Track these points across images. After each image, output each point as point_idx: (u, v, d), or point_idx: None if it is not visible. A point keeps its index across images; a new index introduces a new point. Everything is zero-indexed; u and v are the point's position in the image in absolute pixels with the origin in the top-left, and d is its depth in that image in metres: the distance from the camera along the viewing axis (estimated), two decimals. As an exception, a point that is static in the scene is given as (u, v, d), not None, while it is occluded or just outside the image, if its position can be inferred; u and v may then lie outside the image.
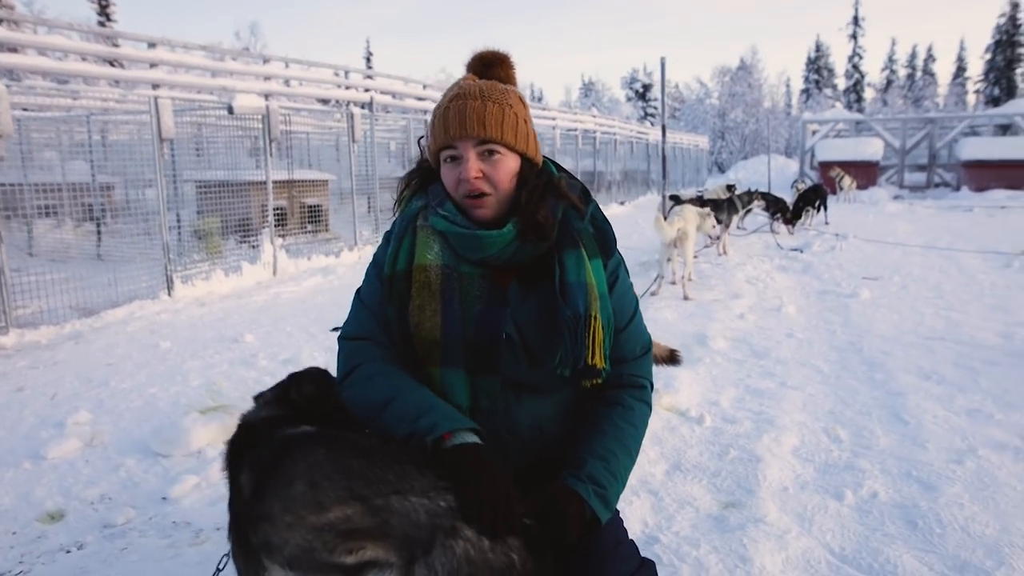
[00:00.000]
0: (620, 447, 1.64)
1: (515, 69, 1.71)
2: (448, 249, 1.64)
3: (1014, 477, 2.91)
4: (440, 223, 1.63)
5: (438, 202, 1.67)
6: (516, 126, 1.60)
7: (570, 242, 1.65)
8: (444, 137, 1.59)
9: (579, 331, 1.59)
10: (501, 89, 1.62)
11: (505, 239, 1.59)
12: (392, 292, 1.66)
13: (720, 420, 3.62)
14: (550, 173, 1.70)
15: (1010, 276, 7.67)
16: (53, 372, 4.76)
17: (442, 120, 1.60)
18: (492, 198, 1.60)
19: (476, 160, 1.58)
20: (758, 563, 2.32)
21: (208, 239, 8.62)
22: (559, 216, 1.65)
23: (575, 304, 1.59)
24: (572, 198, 1.68)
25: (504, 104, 1.59)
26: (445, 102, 1.61)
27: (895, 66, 59.96)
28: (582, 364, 1.60)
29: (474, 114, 1.56)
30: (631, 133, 26.21)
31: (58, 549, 2.54)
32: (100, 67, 8.29)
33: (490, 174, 1.59)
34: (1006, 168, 21.50)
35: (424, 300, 1.62)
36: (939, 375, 4.26)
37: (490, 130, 1.56)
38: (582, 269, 1.62)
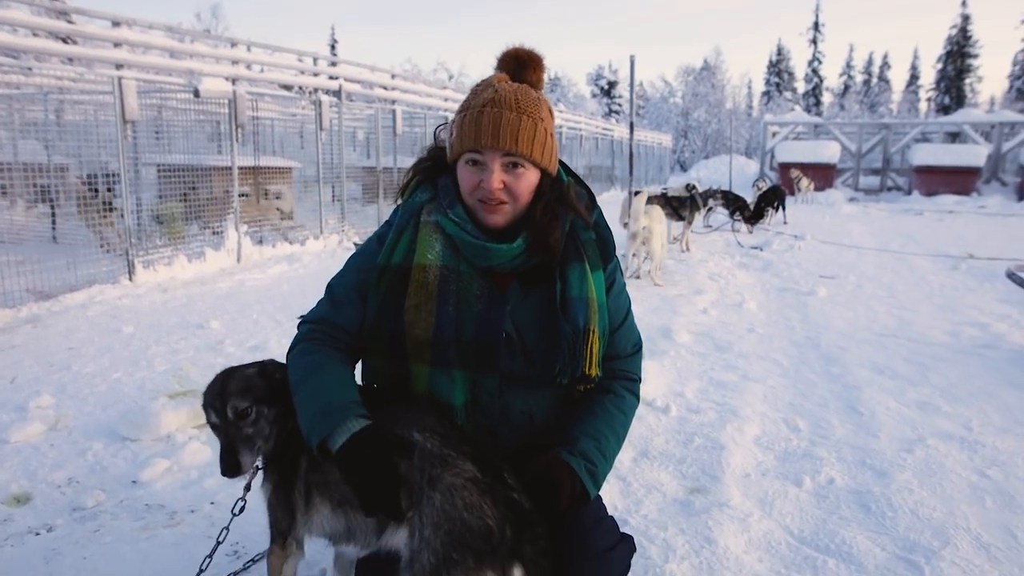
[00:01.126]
0: (610, 430, 1.71)
1: (545, 72, 1.72)
2: (450, 249, 1.66)
3: (959, 465, 3.07)
4: (450, 227, 1.65)
5: (448, 202, 1.67)
6: (545, 142, 1.61)
7: (575, 255, 1.68)
8: (473, 142, 1.58)
9: (578, 346, 1.65)
10: (535, 100, 1.62)
11: (513, 253, 1.63)
12: (382, 282, 1.67)
13: (685, 410, 3.73)
14: (560, 182, 1.72)
15: (957, 278, 8.00)
16: (11, 356, 4.65)
17: (474, 124, 1.58)
18: (509, 207, 1.62)
19: (500, 171, 1.58)
20: (722, 544, 2.43)
21: (170, 224, 8.46)
22: (567, 228, 1.68)
23: (575, 319, 1.65)
24: (580, 209, 1.71)
25: (537, 118, 1.59)
26: (479, 105, 1.59)
27: (852, 72, 61.60)
28: (579, 373, 1.67)
29: (508, 127, 1.56)
30: (596, 129, 26.40)
31: (26, 531, 2.51)
32: (60, 45, 8.03)
33: (512, 186, 1.60)
34: (954, 174, 22.29)
35: (420, 300, 1.64)
36: (891, 370, 4.45)
37: (522, 146, 1.57)
38: (584, 284, 1.67)
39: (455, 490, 1.37)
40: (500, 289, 1.68)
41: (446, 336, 1.62)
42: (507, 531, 1.36)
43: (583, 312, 1.65)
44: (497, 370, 1.66)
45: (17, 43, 7.31)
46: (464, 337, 1.64)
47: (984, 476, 2.97)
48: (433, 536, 1.34)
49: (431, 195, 1.72)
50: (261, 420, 1.65)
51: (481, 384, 1.67)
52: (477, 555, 1.31)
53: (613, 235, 1.80)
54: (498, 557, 1.33)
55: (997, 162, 23.92)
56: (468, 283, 1.65)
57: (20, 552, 2.37)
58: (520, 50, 1.69)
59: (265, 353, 4.71)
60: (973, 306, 6.43)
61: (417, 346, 1.63)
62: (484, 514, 1.36)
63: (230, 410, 1.62)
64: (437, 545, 1.33)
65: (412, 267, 1.65)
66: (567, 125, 21.86)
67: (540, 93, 1.67)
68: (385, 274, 1.67)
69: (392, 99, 12.88)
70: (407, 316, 1.64)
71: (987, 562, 2.33)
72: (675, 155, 49.61)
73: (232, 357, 4.64)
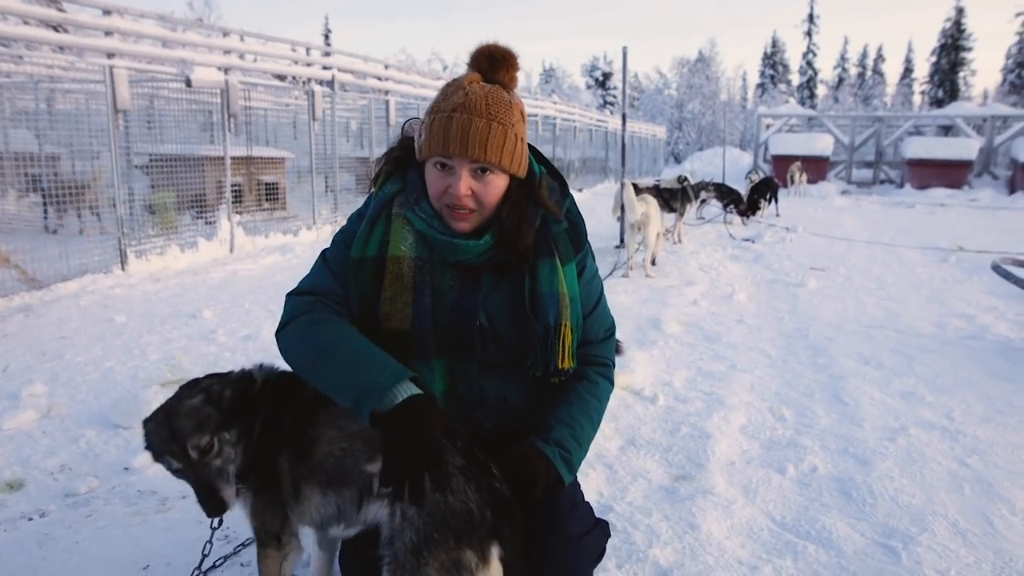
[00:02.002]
0: (584, 417, 1.74)
1: (520, 69, 1.67)
2: (422, 241, 1.66)
3: (940, 453, 3.13)
4: (418, 223, 1.65)
5: (415, 199, 1.67)
6: (515, 148, 1.59)
7: (545, 250, 1.69)
8: (442, 148, 1.55)
9: (549, 342, 1.67)
10: (506, 104, 1.59)
11: (480, 248, 1.64)
12: (358, 275, 1.67)
13: (672, 399, 3.78)
14: (531, 175, 1.70)
15: (946, 270, 8.07)
16: (3, 344, 4.66)
17: (443, 130, 1.55)
18: (476, 215, 1.61)
19: (468, 178, 1.57)
20: (705, 530, 2.47)
21: (162, 214, 8.45)
22: (537, 223, 1.68)
23: (545, 317, 1.66)
24: (550, 206, 1.70)
25: (508, 124, 1.57)
26: (448, 110, 1.56)
27: (847, 64, 61.72)
28: (552, 368, 1.70)
29: (478, 135, 1.53)
30: (591, 121, 26.39)
31: (20, 516, 2.54)
32: (51, 33, 7.99)
33: (480, 193, 1.59)
34: (946, 168, 22.38)
35: (396, 292, 1.64)
36: (877, 360, 4.51)
37: (491, 154, 1.55)
38: (555, 278, 1.68)
39: None
40: (473, 279, 1.69)
41: (424, 326, 1.63)
42: (488, 514, 1.41)
43: (553, 308, 1.67)
44: (475, 358, 1.68)
45: (7, 31, 7.27)
46: (440, 327, 1.65)
47: (964, 464, 3.02)
48: (416, 516, 1.39)
49: (400, 187, 1.71)
50: (226, 447, 1.57)
51: (459, 372, 1.69)
52: (457, 535, 1.37)
53: (585, 222, 1.80)
54: (477, 537, 1.38)
55: (989, 155, 24.03)
56: (441, 273, 1.67)
57: (14, 536, 2.40)
58: (494, 48, 1.64)
59: (258, 343, 4.74)
60: (961, 298, 6.49)
61: (394, 337, 1.63)
62: (467, 498, 1.41)
63: (192, 451, 1.53)
64: (419, 524, 1.38)
65: (387, 258, 1.66)
66: (561, 117, 21.86)
67: (512, 95, 1.64)
68: (361, 266, 1.67)
69: (386, 90, 12.86)
70: (383, 308, 1.64)
71: (963, 547, 2.38)
72: (669, 147, 49.62)
73: (225, 346, 4.67)
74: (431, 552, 1.36)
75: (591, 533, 1.75)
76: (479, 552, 1.37)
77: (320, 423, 1.61)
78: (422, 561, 1.36)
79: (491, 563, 1.37)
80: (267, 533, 1.67)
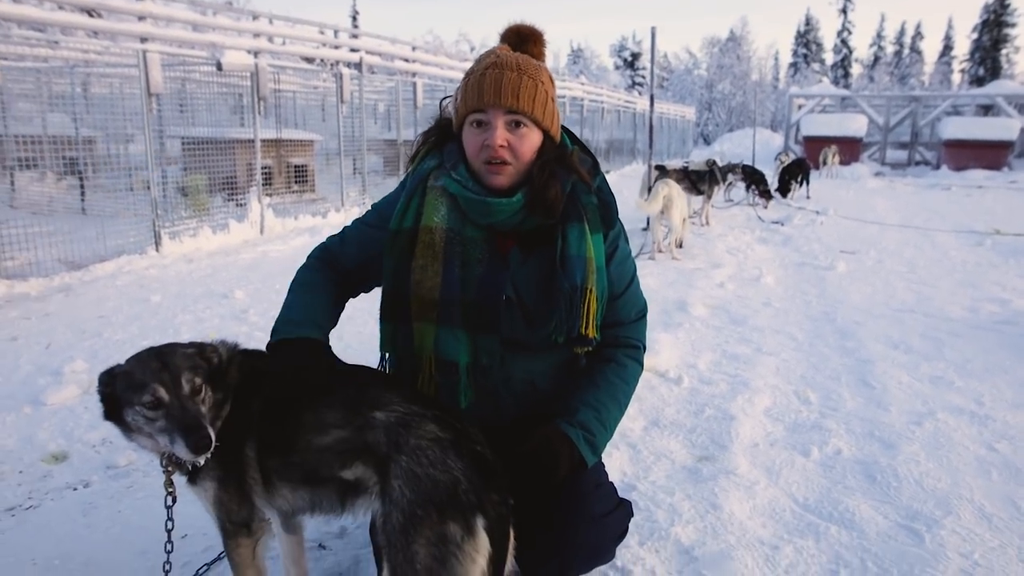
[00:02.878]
0: (611, 400, 1.77)
1: (547, 47, 1.78)
2: (455, 212, 1.72)
3: (967, 438, 3.11)
4: (452, 186, 1.71)
5: (452, 164, 1.73)
6: (546, 103, 1.67)
7: (575, 215, 1.73)
8: (477, 101, 1.64)
9: (575, 302, 1.70)
10: (535, 65, 1.68)
11: (514, 207, 1.68)
12: (395, 247, 1.75)
13: (697, 381, 3.79)
14: (564, 146, 1.77)
15: (981, 254, 7.91)
16: (45, 323, 4.82)
17: (477, 85, 1.64)
18: (512, 168, 1.67)
19: (503, 129, 1.64)
20: (727, 510, 2.50)
21: (195, 196, 8.61)
22: (568, 189, 1.72)
23: (573, 276, 1.69)
24: (581, 172, 1.75)
25: (538, 80, 1.65)
26: (481, 68, 1.66)
27: (883, 42, 60.06)
28: (576, 333, 1.71)
29: (510, 85, 1.62)
30: (618, 102, 26.13)
31: (65, 487, 2.65)
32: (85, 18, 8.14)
33: (515, 145, 1.65)
34: (985, 148, 21.79)
35: (427, 260, 1.70)
36: (907, 344, 4.46)
37: (523, 103, 1.62)
38: (583, 243, 1.71)
39: (420, 450, 1.44)
40: (502, 253, 1.73)
41: (452, 294, 1.69)
42: (472, 481, 1.42)
43: (581, 270, 1.70)
44: (497, 332, 1.72)
45: (44, 17, 7.42)
46: (468, 299, 1.70)
47: (992, 450, 3.00)
48: (400, 496, 1.41)
49: (438, 162, 1.78)
50: (207, 401, 1.55)
51: (481, 346, 1.73)
52: (440, 509, 1.38)
53: (616, 201, 1.84)
54: (460, 509, 1.39)
55: (1030, 136, 23.32)
56: (472, 247, 1.71)
57: (60, 505, 2.51)
58: (521, 25, 1.76)
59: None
60: (995, 282, 6.37)
61: (422, 305, 1.70)
62: (448, 467, 1.43)
63: (185, 383, 1.51)
64: (404, 504, 1.40)
65: (419, 229, 1.72)
66: (588, 98, 21.67)
67: (541, 63, 1.73)
68: (397, 238, 1.74)
69: (413, 71, 12.86)
70: (414, 276, 1.71)
71: (988, 531, 2.38)
72: (698, 128, 48.96)
73: (256, 326, 4.78)
74: (417, 529, 1.37)
75: (614, 512, 1.78)
76: (463, 524, 1.38)
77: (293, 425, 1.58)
78: (410, 539, 1.37)
79: (477, 534, 1.39)
80: (234, 523, 1.63)
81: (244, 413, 1.61)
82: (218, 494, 1.61)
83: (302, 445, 1.56)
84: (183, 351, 1.58)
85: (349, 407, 1.54)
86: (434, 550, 1.36)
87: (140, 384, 1.50)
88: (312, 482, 1.56)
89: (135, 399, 1.50)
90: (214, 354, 1.62)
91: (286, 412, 1.59)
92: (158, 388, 1.49)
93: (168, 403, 1.49)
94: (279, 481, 1.60)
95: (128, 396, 1.51)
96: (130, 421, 1.54)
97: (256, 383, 1.64)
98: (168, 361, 1.53)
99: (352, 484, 1.52)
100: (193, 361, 1.56)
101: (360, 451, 1.49)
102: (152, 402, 1.49)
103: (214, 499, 1.62)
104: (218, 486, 1.61)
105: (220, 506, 1.62)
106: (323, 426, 1.54)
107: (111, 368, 1.58)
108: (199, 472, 1.61)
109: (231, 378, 1.63)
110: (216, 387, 1.58)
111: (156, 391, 1.49)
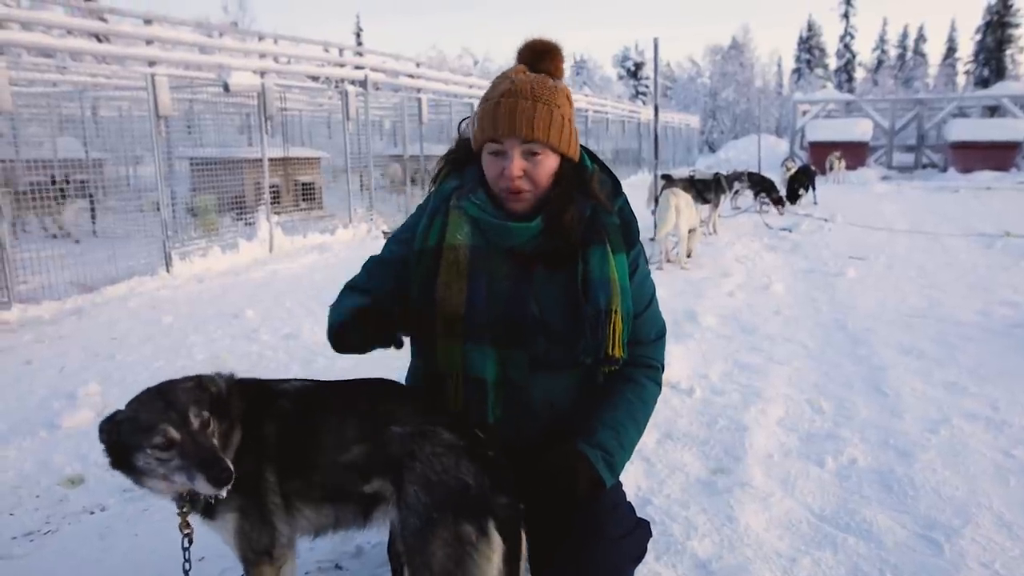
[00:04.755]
0: (630, 420, 1.76)
1: (564, 61, 1.77)
2: (478, 231, 1.73)
3: (984, 445, 3.08)
4: (472, 209, 1.72)
5: (471, 188, 1.75)
6: (562, 128, 1.67)
7: (596, 238, 1.73)
8: (492, 132, 1.65)
9: (600, 326, 1.70)
10: (551, 88, 1.68)
11: (532, 232, 1.69)
12: (419, 266, 1.76)
13: (709, 392, 3.78)
14: (584, 168, 1.77)
15: (992, 257, 7.86)
16: (59, 346, 4.86)
17: (492, 115, 1.65)
18: (531, 194, 1.69)
19: (520, 159, 1.65)
20: (743, 522, 2.49)
21: (204, 216, 8.68)
22: (588, 213, 1.73)
23: (596, 300, 1.70)
24: (600, 197, 1.75)
25: (553, 105, 1.65)
26: (496, 96, 1.67)
27: (886, 46, 60.10)
28: (603, 354, 1.72)
29: (524, 115, 1.62)
30: (623, 112, 26.21)
31: (82, 511, 2.67)
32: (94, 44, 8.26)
33: (532, 173, 1.67)
34: (992, 149, 21.71)
35: (451, 278, 1.71)
36: (919, 350, 4.44)
37: (538, 132, 1.63)
38: (606, 265, 1.72)
39: (434, 457, 1.49)
40: (527, 272, 1.74)
41: (479, 312, 1.69)
42: (483, 484, 1.48)
43: (605, 293, 1.70)
44: (525, 346, 1.72)
45: (54, 44, 7.53)
46: (494, 315, 1.70)
47: (1009, 456, 2.97)
48: (416, 501, 1.47)
49: (459, 183, 1.80)
50: (215, 433, 1.53)
51: (511, 361, 1.72)
52: (455, 512, 1.45)
53: (638, 221, 1.84)
54: (473, 511, 1.45)
55: (1038, 136, 23.20)
56: (496, 264, 1.72)
57: (77, 529, 2.53)
58: (536, 41, 1.75)
59: (299, 341, 4.86)
60: (1007, 285, 6.33)
61: (448, 323, 1.71)
62: (460, 473, 1.48)
63: (194, 419, 1.49)
64: (420, 508, 1.46)
65: (443, 248, 1.73)
66: (592, 109, 21.75)
67: (558, 82, 1.72)
68: (422, 258, 1.76)
69: (417, 87, 12.95)
70: (439, 293, 1.71)
71: (1008, 539, 2.36)
72: (703, 136, 48.97)
73: (267, 345, 4.80)
74: (433, 531, 1.43)
75: (632, 534, 1.78)
76: (476, 525, 1.44)
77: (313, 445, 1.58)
78: (427, 541, 1.44)
79: (490, 534, 1.45)
80: (256, 552, 1.60)
81: (258, 438, 1.61)
82: (239, 524, 1.59)
83: (324, 464, 1.58)
84: (183, 386, 1.55)
85: (368, 421, 1.59)
86: (450, 551, 1.43)
87: (148, 426, 1.46)
88: (335, 499, 1.59)
89: (144, 442, 1.46)
90: (212, 385, 1.60)
91: (304, 433, 1.61)
92: (168, 428, 1.46)
93: (180, 441, 1.46)
94: (301, 503, 1.61)
95: (136, 440, 1.47)
96: (141, 466, 1.50)
97: (266, 407, 1.64)
98: (172, 399, 1.51)
99: (372, 497, 1.56)
100: (196, 395, 1.54)
101: (380, 464, 1.54)
102: (164, 443, 1.46)
103: (235, 530, 1.60)
104: (239, 516, 1.59)
105: (242, 536, 1.60)
106: (343, 443, 1.58)
107: (111, 415, 1.53)
108: (218, 506, 1.58)
109: (235, 406, 1.62)
110: (221, 417, 1.56)
111: (167, 431, 1.46)
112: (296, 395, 1.67)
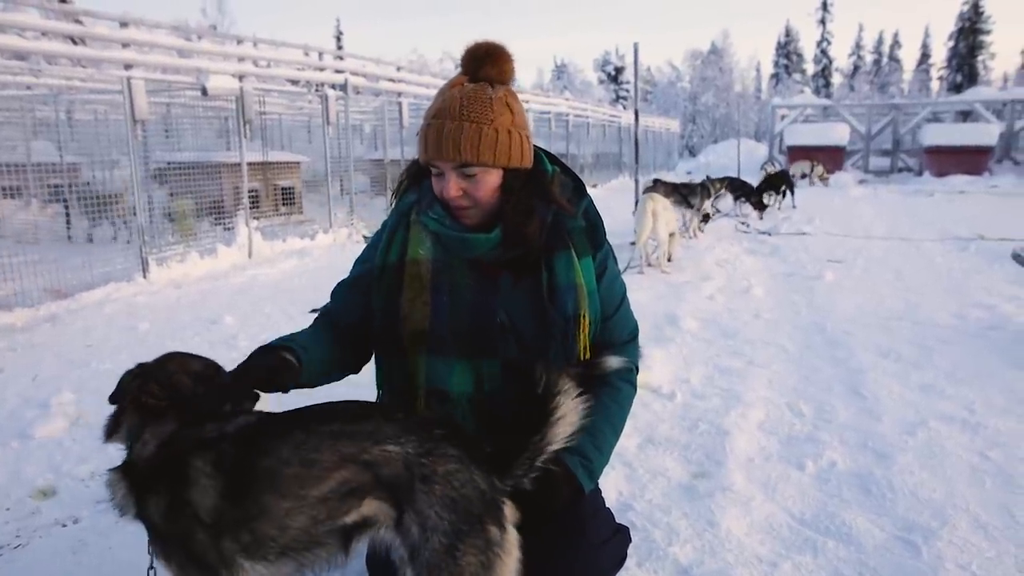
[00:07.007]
0: (607, 424, 1.76)
1: (511, 61, 1.68)
2: (439, 244, 1.72)
3: (960, 447, 3.12)
4: (431, 223, 1.71)
5: (428, 203, 1.73)
6: (496, 142, 1.61)
7: (560, 243, 1.71)
8: (425, 155, 1.65)
9: (569, 332, 1.69)
10: (483, 101, 1.61)
11: (492, 242, 1.68)
12: (382, 283, 1.73)
13: (690, 396, 3.79)
14: (542, 173, 1.74)
15: (967, 260, 7.98)
16: (32, 354, 4.77)
17: (424, 137, 1.65)
18: (474, 210, 1.67)
19: (456, 180, 1.63)
20: (725, 527, 2.49)
21: (181, 221, 8.57)
22: (550, 219, 1.71)
23: (564, 308, 1.68)
24: (561, 201, 1.72)
25: (482, 122, 1.59)
26: (428, 117, 1.64)
27: (862, 52, 61.02)
28: (574, 360, 1.70)
29: (449, 138, 1.59)
30: (603, 116, 26.32)
31: (53, 523, 2.61)
32: (70, 46, 8.14)
33: (471, 191, 1.64)
34: (966, 154, 22.06)
35: (415, 292, 1.69)
36: (896, 353, 4.49)
37: (465, 154, 1.59)
38: (571, 270, 1.70)
39: (450, 475, 1.44)
40: (491, 280, 1.72)
41: (443, 325, 1.67)
42: (492, 483, 1.48)
43: (572, 299, 1.69)
44: (497, 354, 1.70)
45: (27, 47, 7.40)
46: (460, 326, 1.68)
47: (985, 457, 3.01)
48: (439, 520, 1.41)
49: (417, 197, 1.78)
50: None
51: (484, 372, 1.71)
52: (480, 518, 1.43)
53: (603, 221, 1.83)
54: (492, 511, 1.45)
55: (1010, 141, 23.69)
56: (460, 275, 1.71)
57: (49, 543, 2.47)
58: (476, 46, 1.67)
59: (278, 347, 4.80)
60: (981, 287, 6.43)
61: (413, 337, 1.69)
62: (475, 481, 1.46)
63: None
64: (446, 526, 1.41)
65: (406, 262, 1.71)
66: (573, 113, 21.81)
67: (497, 88, 1.65)
68: (383, 274, 1.73)
69: (398, 91, 12.91)
70: (403, 310, 1.69)
71: (984, 541, 2.38)
72: (683, 140, 49.34)
73: (245, 351, 4.72)
74: (465, 543, 1.41)
75: (612, 540, 1.77)
76: (498, 524, 1.45)
77: (267, 491, 1.43)
78: (459, 555, 1.40)
79: (508, 529, 1.46)
80: None
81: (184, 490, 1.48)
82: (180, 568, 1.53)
83: (279, 510, 1.43)
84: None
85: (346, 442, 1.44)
86: (482, 557, 1.42)
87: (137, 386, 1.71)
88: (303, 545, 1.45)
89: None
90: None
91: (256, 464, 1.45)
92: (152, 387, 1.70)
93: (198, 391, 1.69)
94: (248, 560, 1.46)
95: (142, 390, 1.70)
96: None
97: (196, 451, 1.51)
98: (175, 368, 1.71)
99: (355, 526, 1.45)
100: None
101: (370, 487, 1.42)
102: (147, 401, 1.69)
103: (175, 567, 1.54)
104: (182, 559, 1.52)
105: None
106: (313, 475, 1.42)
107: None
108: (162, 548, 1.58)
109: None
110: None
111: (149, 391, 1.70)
112: (238, 434, 1.51)
